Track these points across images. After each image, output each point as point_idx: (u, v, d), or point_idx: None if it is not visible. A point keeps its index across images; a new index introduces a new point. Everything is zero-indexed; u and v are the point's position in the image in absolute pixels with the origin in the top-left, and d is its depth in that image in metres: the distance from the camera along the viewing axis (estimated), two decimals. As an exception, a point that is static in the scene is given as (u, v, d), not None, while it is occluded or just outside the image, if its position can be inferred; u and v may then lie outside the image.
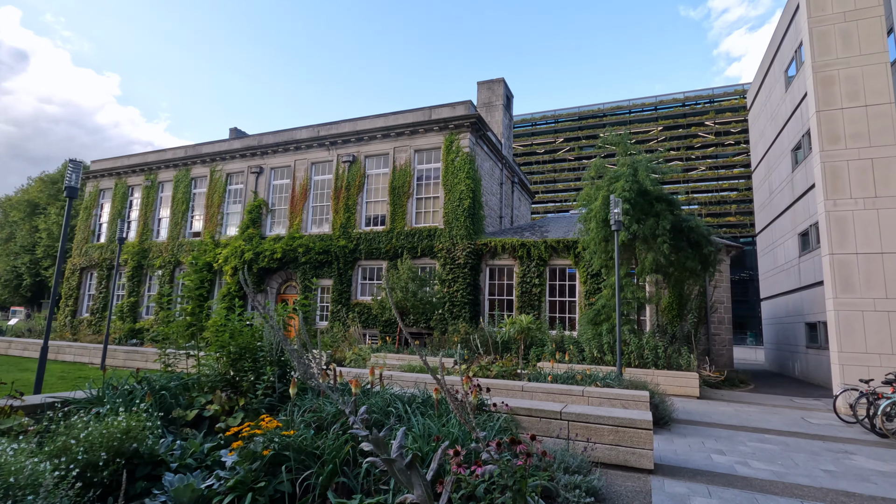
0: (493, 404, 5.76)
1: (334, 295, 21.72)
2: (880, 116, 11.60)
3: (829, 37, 12.32)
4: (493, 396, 8.90)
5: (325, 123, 24.04)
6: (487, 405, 5.82)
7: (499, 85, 26.85)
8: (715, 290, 18.32)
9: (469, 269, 19.62)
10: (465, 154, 20.62)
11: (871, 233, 11.31)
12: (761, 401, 12.59)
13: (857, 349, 11.04)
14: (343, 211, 22.50)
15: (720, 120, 57.02)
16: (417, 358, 15.32)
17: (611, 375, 9.85)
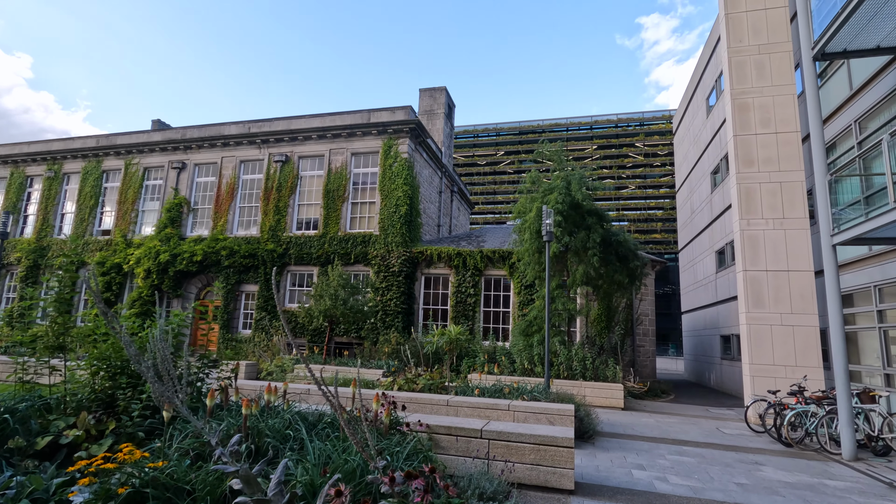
0: (408, 423, 5.29)
1: (260, 302, 20.41)
2: (788, 143, 12.44)
3: (746, 67, 13.12)
4: (417, 412, 8.43)
5: (256, 120, 22.77)
6: (403, 424, 5.35)
7: (441, 93, 26.75)
8: (641, 303, 18.98)
9: (404, 277, 19.11)
10: (404, 160, 20.20)
11: (779, 251, 12.03)
12: (681, 411, 12.99)
13: (765, 361, 11.63)
14: (273, 213, 21.29)
15: (649, 142, 60.79)
16: (345, 370, 14.57)
17: (538, 388, 9.69)
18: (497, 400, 8.34)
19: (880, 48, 9.23)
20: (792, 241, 12.01)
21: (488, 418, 8.06)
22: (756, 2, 13.36)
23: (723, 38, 13.64)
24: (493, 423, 5.98)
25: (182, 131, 23.85)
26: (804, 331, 11.52)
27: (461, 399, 8.35)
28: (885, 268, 9.71)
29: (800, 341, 11.53)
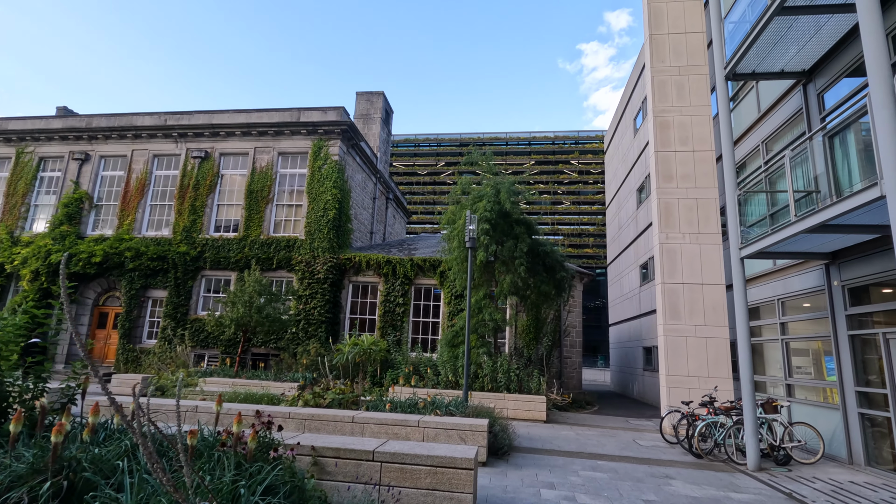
0: (275, 448, 4.55)
1: (168, 309, 18.62)
2: (704, 161, 12.93)
3: (667, 86, 13.58)
4: (318, 432, 7.65)
5: (174, 112, 21.04)
6: (275, 447, 4.61)
7: (378, 98, 26.16)
8: (569, 314, 19.15)
9: (329, 284, 18.14)
10: (334, 162, 19.34)
11: (694, 265, 12.38)
12: (602, 423, 12.98)
13: (681, 372, 11.84)
14: (188, 213, 19.63)
15: (583, 160, 63.44)
16: (256, 384, 13.40)
17: (456, 402, 9.20)
18: (407, 416, 7.74)
19: (784, 72, 9.72)
20: (706, 255, 12.41)
21: (396, 436, 7.44)
22: (677, 26, 13.91)
23: (647, 58, 14.08)
24: (391, 444, 5.37)
25: (87, 119, 21.60)
26: (716, 342, 11.85)
27: (368, 415, 7.67)
28: (788, 282, 10.16)
29: (712, 353, 11.85)
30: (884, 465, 7.83)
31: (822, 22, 8.23)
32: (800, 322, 10.04)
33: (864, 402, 8.15)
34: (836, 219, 6.39)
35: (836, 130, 7.19)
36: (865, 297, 8.16)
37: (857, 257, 8.07)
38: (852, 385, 8.23)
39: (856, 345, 8.29)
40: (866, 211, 6.30)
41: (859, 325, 8.22)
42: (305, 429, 7.70)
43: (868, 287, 8.05)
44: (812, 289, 9.31)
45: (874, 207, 6.13)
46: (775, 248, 8.37)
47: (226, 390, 11.50)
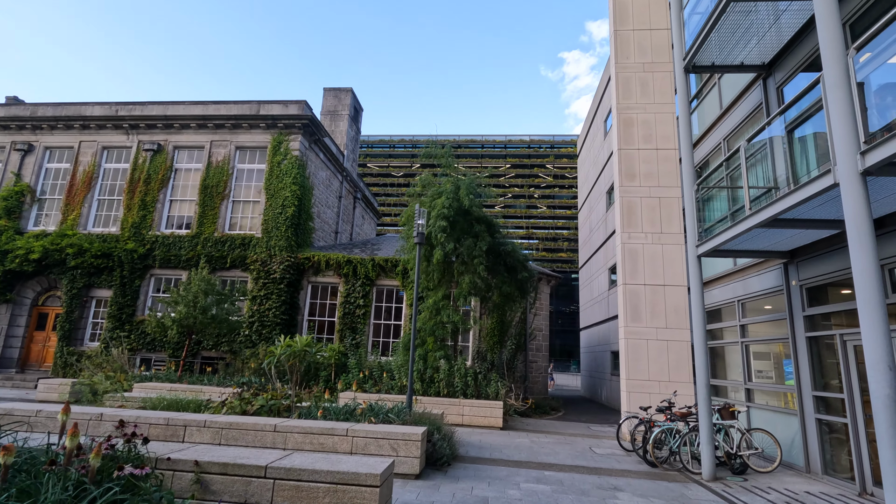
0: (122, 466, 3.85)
1: (113, 309, 17.52)
2: (667, 160, 12.62)
3: (631, 83, 13.26)
4: (234, 443, 6.92)
5: (126, 102, 19.99)
6: (143, 459, 3.91)
7: (346, 94, 25.46)
8: (535, 317, 18.68)
9: (286, 284, 17.31)
10: (295, 157, 18.56)
11: (656, 266, 12.02)
12: (562, 429, 12.48)
13: (641, 376, 11.42)
14: (138, 208, 18.58)
15: (559, 164, 63.67)
16: (197, 389, 12.52)
17: (399, 408, 8.55)
18: (335, 424, 7.06)
19: (744, 65, 9.42)
20: (669, 255, 12.06)
21: (322, 446, 6.76)
22: (642, 21, 13.63)
23: (612, 54, 13.75)
24: (292, 457, 4.71)
25: (32, 108, 20.37)
26: (677, 345, 11.48)
27: (293, 424, 6.97)
28: (747, 282, 9.83)
29: (673, 356, 11.47)
30: (841, 474, 7.46)
31: (781, 9, 7.92)
32: (759, 324, 9.70)
33: (821, 408, 7.79)
34: (790, 211, 5.99)
35: (793, 125, 6.84)
36: (823, 297, 7.82)
37: (815, 255, 7.74)
38: (810, 389, 7.87)
39: (814, 347, 7.94)
40: (821, 203, 5.92)
41: (817, 327, 7.88)
42: (222, 439, 6.96)
43: (826, 286, 7.71)
44: (771, 289, 8.97)
45: (828, 199, 5.75)
46: (731, 245, 7.99)
47: (161, 395, 10.61)
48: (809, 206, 5.95)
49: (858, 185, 4.65)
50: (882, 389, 4.32)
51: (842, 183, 4.79)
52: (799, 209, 6.02)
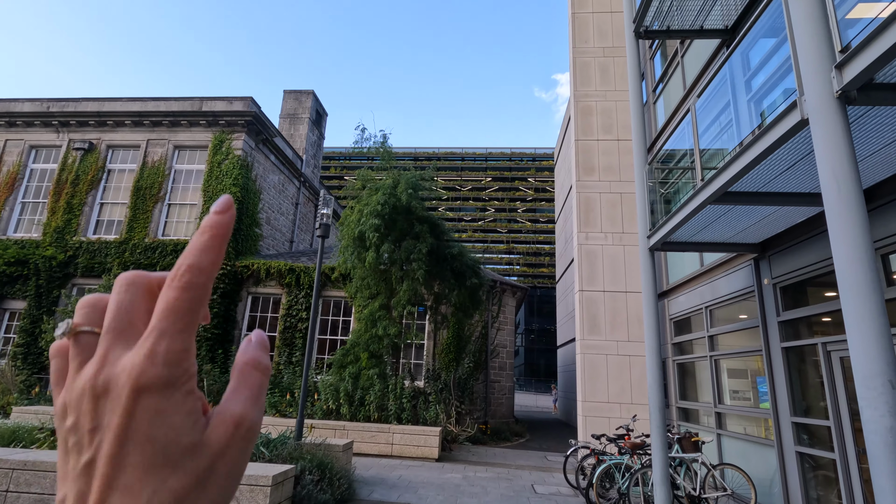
0: None
1: (26, 323, 15.67)
2: (629, 152, 11.24)
3: (590, 68, 11.98)
4: (27, 487, 5.21)
5: (58, 99, 18.48)
6: None
7: (307, 97, 24.15)
8: (498, 332, 17.05)
9: (220, 295, 15.61)
10: (237, 157, 17.04)
11: (617, 269, 10.52)
12: (512, 460, 10.76)
13: (599, 398, 9.81)
14: (63, 211, 16.91)
15: (540, 177, 62.52)
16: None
17: (282, 437, 6.86)
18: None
19: (704, 30, 8.08)
20: (631, 258, 10.57)
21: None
22: (602, 3, 12.42)
23: (569, 37, 12.49)
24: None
25: (-44, 104, 18.79)
26: (641, 362, 9.90)
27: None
28: (715, 285, 8.32)
29: (636, 374, 9.88)
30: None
31: (740, -49, 6.60)
32: (729, 334, 8.15)
33: (803, 438, 6.20)
34: (749, 176, 4.51)
35: (760, 94, 5.46)
36: (801, 297, 6.31)
37: (790, 246, 6.25)
38: (788, 414, 6.28)
39: (792, 361, 6.39)
40: (788, 166, 4.45)
41: (795, 335, 6.34)
42: (11, 483, 5.23)
43: (804, 283, 6.20)
44: (740, 291, 7.45)
45: (798, 157, 4.28)
46: (689, 234, 6.50)
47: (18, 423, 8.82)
48: (772, 168, 4.48)
49: (836, 116, 3.17)
50: (880, 418, 2.76)
51: (812, 116, 3.31)
52: (760, 173, 4.54)
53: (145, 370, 0.30)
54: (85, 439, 0.31)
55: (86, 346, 0.33)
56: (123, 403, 0.30)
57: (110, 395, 0.31)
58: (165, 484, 0.29)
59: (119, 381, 0.31)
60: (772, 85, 5.40)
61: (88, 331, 0.34)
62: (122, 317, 0.33)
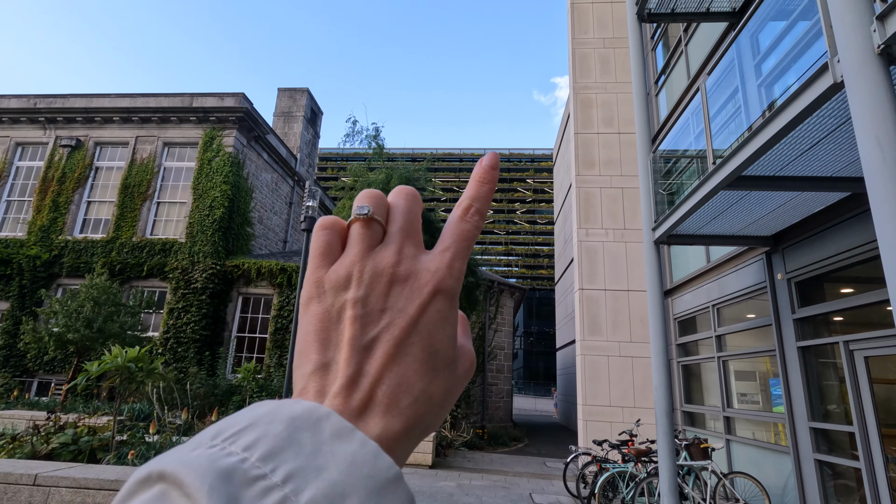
0: None
1: (8, 324, 15.22)
2: (631, 146, 10.83)
3: (590, 60, 11.58)
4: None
5: (46, 95, 18.07)
6: None
7: (302, 95, 23.76)
8: (496, 334, 16.60)
9: (209, 296, 15.14)
10: (228, 154, 16.62)
11: (619, 267, 10.08)
12: (510, 466, 10.29)
13: (600, 401, 9.36)
14: (49, 210, 16.47)
15: (538, 178, 62.12)
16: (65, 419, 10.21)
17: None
18: (132, 472, 4.90)
19: (711, 12, 7.67)
20: (633, 255, 10.14)
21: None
22: (602, -7, 12.03)
23: (568, 28, 12.09)
24: None
25: (-60, 101, 18.36)
26: (644, 363, 9.45)
27: (64, 473, 4.79)
28: (723, 282, 7.88)
29: (639, 376, 9.43)
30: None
31: (751, -77, 6.19)
32: (738, 334, 7.71)
33: (822, 444, 5.75)
34: (768, 153, 4.08)
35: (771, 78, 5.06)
36: (819, 292, 5.88)
37: (806, 237, 5.82)
38: (805, 419, 5.84)
39: (809, 361, 5.95)
40: (811, 144, 4.03)
41: (813, 333, 5.90)
42: (-44, 496, 4.76)
43: (822, 278, 5.77)
44: (751, 287, 7.02)
45: (824, 133, 3.85)
46: (696, 226, 6.07)
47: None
48: (793, 147, 4.06)
49: (878, 75, 2.75)
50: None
51: (849, 77, 2.89)
52: (778, 153, 4.12)
53: (445, 277, 0.33)
54: (374, 315, 0.32)
55: (375, 233, 0.34)
56: (424, 297, 0.32)
57: (410, 285, 0.33)
58: (431, 385, 0.31)
59: (422, 276, 0.33)
60: (784, 68, 4.99)
61: (379, 220, 0.35)
62: (413, 222, 0.36)
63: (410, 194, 0.37)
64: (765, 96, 5.41)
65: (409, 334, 0.31)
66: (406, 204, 0.36)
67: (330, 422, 0.26)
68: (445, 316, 0.33)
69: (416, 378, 0.30)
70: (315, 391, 0.30)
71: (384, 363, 0.30)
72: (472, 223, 0.36)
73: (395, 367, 0.30)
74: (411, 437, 0.30)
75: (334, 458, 0.24)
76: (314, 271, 0.34)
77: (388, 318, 0.32)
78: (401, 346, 0.31)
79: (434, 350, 0.32)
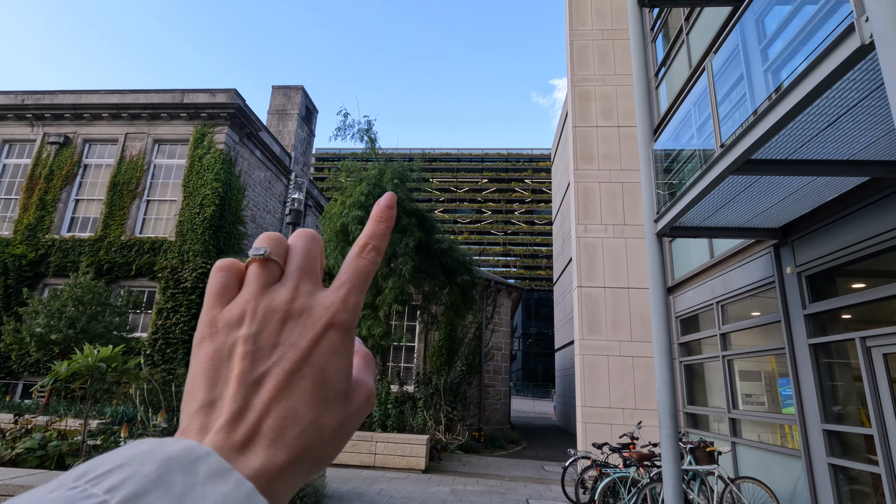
0: None
1: (-8, 325, 14.81)
2: (630, 139, 10.52)
3: (588, 51, 11.28)
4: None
5: (34, 91, 17.73)
6: None
7: (296, 93, 23.45)
8: (493, 334, 16.27)
9: (199, 295, 14.76)
10: (219, 151, 16.28)
11: (618, 264, 9.76)
12: (507, 470, 9.94)
13: (600, 402, 9.02)
14: (36, 208, 16.11)
15: (537, 178, 61.84)
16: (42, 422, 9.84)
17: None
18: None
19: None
20: (633, 251, 9.82)
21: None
22: (600, -16, 11.74)
23: (566, 18, 11.80)
24: None
25: (-74, 97, 18.00)
26: (645, 363, 9.12)
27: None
28: (727, 277, 7.56)
29: (640, 376, 9.10)
30: (870, 547, 5.05)
31: None
32: (745, 331, 7.39)
33: (836, 448, 5.42)
34: (781, 132, 3.76)
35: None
36: (831, 286, 5.56)
37: (818, 228, 5.50)
38: (818, 421, 5.51)
39: (821, 359, 5.62)
40: (830, 122, 3.71)
41: (826, 330, 5.58)
42: None
43: (835, 271, 5.45)
44: (758, 283, 6.69)
45: (843, 109, 3.53)
46: (701, 216, 5.75)
47: None
48: (808, 126, 3.74)
49: (913, 31, 2.42)
50: None
51: (880, 38, 2.57)
52: (792, 133, 3.80)
53: (339, 311, 0.33)
54: (265, 351, 0.32)
55: (272, 273, 0.35)
56: (317, 330, 0.32)
57: (304, 320, 0.33)
58: (321, 417, 0.31)
59: (316, 311, 0.33)
60: (792, 51, 4.67)
61: (276, 260, 0.35)
62: (311, 260, 0.36)
63: (310, 236, 0.37)
64: (772, 83, 5.10)
65: (301, 367, 0.31)
66: (304, 244, 0.37)
67: (207, 462, 0.25)
68: (339, 349, 0.33)
69: (306, 409, 0.30)
70: (198, 429, 0.29)
71: (272, 396, 0.30)
72: (369, 259, 0.36)
73: (283, 400, 0.30)
74: (298, 471, 0.29)
75: (204, 499, 0.23)
76: (208, 311, 0.34)
77: (279, 352, 0.31)
78: (290, 379, 0.30)
79: (326, 382, 0.31)
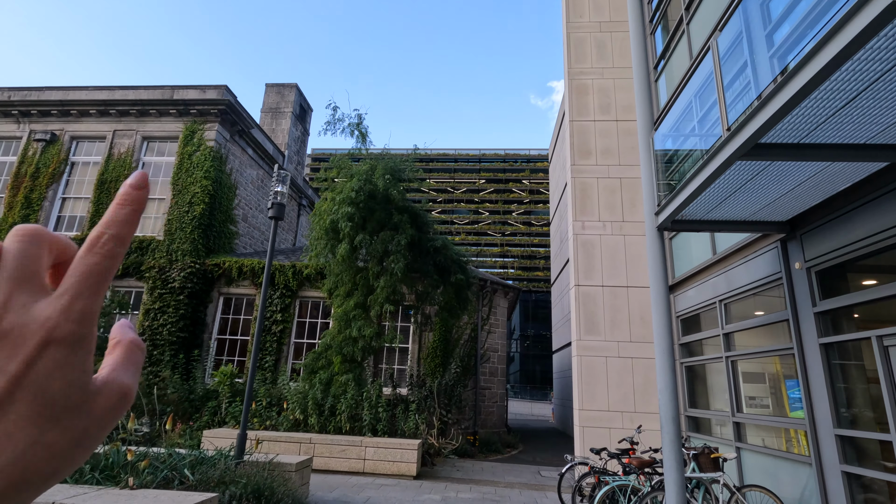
0: None
1: (-25, 326, 14.43)
2: (629, 134, 10.21)
3: (585, 44, 10.98)
4: None
5: (21, 87, 17.39)
6: None
7: (290, 91, 23.11)
8: (489, 335, 15.91)
9: (188, 296, 14.42)
10: (209, 148, 15.94)
11: (617, 262, 9.44)
12: (502, 476, 9.59)
13: (598, 406, 8.68)
14: (21, 206, 15.75)
15: (535, 179, 61.60)
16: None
17: (223, 452, 5.69)
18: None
19: (716, -19, 7.06)
20: (633, 249, 9.50)
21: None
22: (598, -25, 11.44)
23: (562, 12, 11.50)
24: None
25: (-89, 94, 17.63)
26: (645, 365, 8.79)
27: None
28: (731, 274, 7.24)
29: (640, 378, 8.76)
30: (886, 561, 4.71)
31: None
32: (750, 331, 7.06)
33: (850, 454, 5.09)
34: (794, 111, 3.44)
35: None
36: (843, 282, 5.23)
37: (829, 220, 5.18)
38: (830, 425, 5.18)
39: (833, 360, 5.29)
40: (845, 102, 3.39)
41: (837, 328, 5.25)
42: None
43: (848, 266, 5.13)
44: (764, 279, 6.37)
45: (861, 84, 3.21)
46: (703, 207, 5.42)
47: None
48: (825, 105, 3.42)
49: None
50: None
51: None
52: (807, 112, 3.48)
53: (60, 324, 0.30)
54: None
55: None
56: (28, 352, 0.29)
57: (13, 340, 0.29)
58: (43, 437, 0.29)
59: (28, 329, 0.30)
60: (799, 35, 4.36)
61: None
62: (28, 266, 0.31)
63: (27, 234, 0.32)
64: (778, 68, 4.78)
65: (11, 393, 0.28)
66: (19, 247, 0.31)
67: None
68: (63, 364, 0.29)
69: (22, 433, 0.28)
70: None
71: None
72: (102, 253, 0.31)
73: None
74: (22, 491, 0.27)
75: None
76: None
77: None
78: (0, 407, 0.28)
79: (49, 401, 0.29)
